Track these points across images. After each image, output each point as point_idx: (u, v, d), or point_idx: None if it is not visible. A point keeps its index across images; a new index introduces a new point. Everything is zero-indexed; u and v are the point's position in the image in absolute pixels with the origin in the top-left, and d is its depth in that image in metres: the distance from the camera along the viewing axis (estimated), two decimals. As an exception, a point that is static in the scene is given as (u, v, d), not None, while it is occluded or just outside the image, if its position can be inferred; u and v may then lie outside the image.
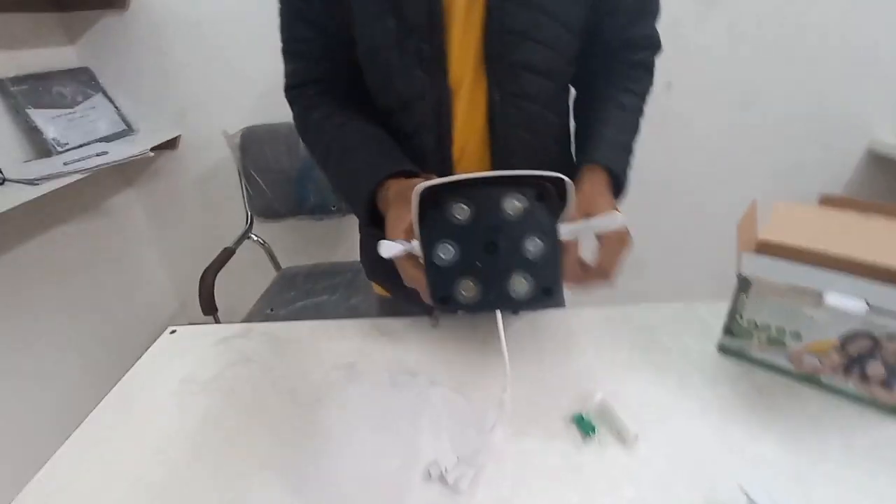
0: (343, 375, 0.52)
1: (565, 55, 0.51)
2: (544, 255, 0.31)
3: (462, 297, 0.32)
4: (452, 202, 0.31)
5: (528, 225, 0.30)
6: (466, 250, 0.31)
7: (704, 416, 0.47)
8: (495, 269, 0.31)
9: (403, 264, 0.38)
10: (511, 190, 0.30)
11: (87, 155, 1.15)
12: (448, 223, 0.31)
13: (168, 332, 0.66)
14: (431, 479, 0.41)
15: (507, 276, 0.31)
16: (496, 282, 0.31)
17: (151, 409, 0.52)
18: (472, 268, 0.31)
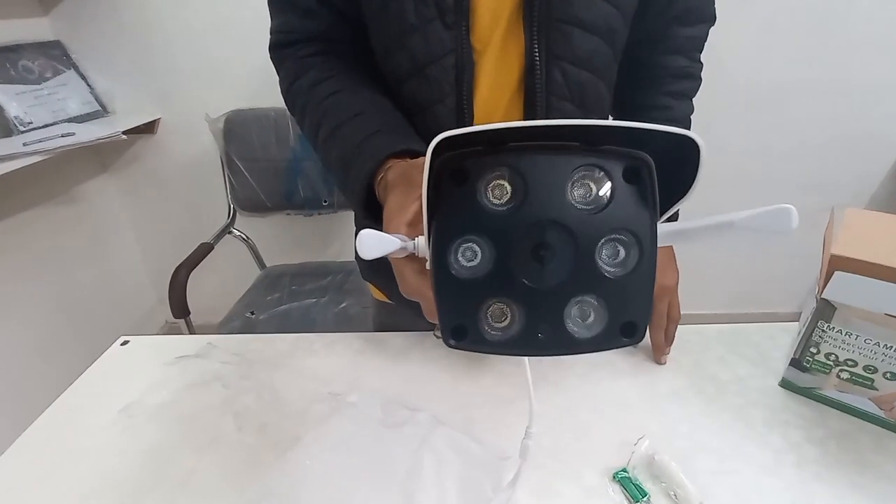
0: (326, 409, 0.42)
1: (624, 9, 0.41)
2: (631, 271, 0.20)
3: (489, 331, 0.21)
4: (486, 175, 0.20)
5: (609, 221, 0.20)
6: (503, 256, 0.20)
7: (778, 472, 0.38)
8: (548, 290, 0.20)
9: (402, 268, 0.28)
10: (585, 162, 0.19)
11: (51, 135, 1.04)
12: (476, 209, 0.20)
13: (119, 344, 0.55)
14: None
15: (568, 301, 0.20)
16: (548, 310, 0.20)
17: (87, 439, 0.41)
18: (510, 285, 0.21)
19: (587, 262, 0.20)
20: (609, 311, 0.20)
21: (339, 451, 0.38)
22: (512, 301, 0.21)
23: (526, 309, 0.21)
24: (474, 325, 0.21)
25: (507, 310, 0.21)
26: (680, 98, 0.50)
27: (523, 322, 0.21)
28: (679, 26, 0.48)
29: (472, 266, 0.21)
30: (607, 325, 0.20)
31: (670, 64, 0.49)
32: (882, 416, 0.41)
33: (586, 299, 0.21)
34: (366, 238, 0.20)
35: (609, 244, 0.20)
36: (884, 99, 1.22)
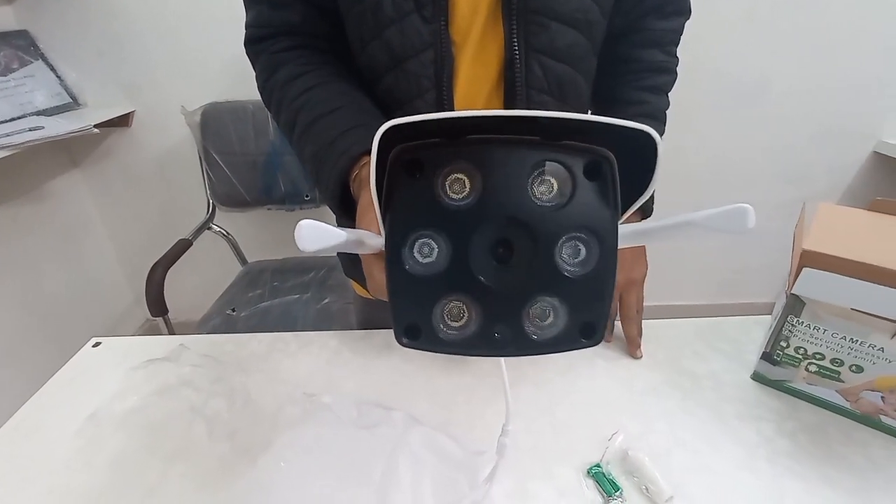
0: (300, 412, 0.41)
1: (602, 3, 0.41)
2: (591, 271, 0.19)
3: (445, 330, 0.21)
4: (443, 168, 0.19)
5: (570, 218, 0.19)
6: (460, 253, 0.20)
7: (750, 465, 0.38)
8: (506, 289, 0.20)
9: (371, 267, 0.28)
10: (545, 157, 0.19)
11: (17, 129, 1.00)
12: (432, 203, 0.19)
13: (90, 346, 0.54)
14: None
15: (527, 300, 0.20)
16: (505, 310, 0.20)
17: (53, 448, 0.40)
18: (467, 283, 0.20)
19: (547, 260, 0.19)
20: (568, 311, 0.20)
21: (313, 454, 0.38)
22: (469, 300, 0.20)
23: (483, 308, 0.20)
24: (428, 324, 0.20)
25: (463, 309, 0.21)
26: (657, 93, 0.50)
27: (480, 322, 0.20)
28: (655, 19, 0.48)
29: (428, 262, 0.20)
30: (566, 326, 0.20)
31: (647, 58, 0.49)
32: (848, 407, 0.42)
33: (545, 299, 0.20)
34: (305, 229, 0.18)
35: (569, 242, 0.20)
36: (859, 95, 1.24)
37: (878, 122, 1.27)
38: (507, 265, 0.20)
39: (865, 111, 1.26)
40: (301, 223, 0.19)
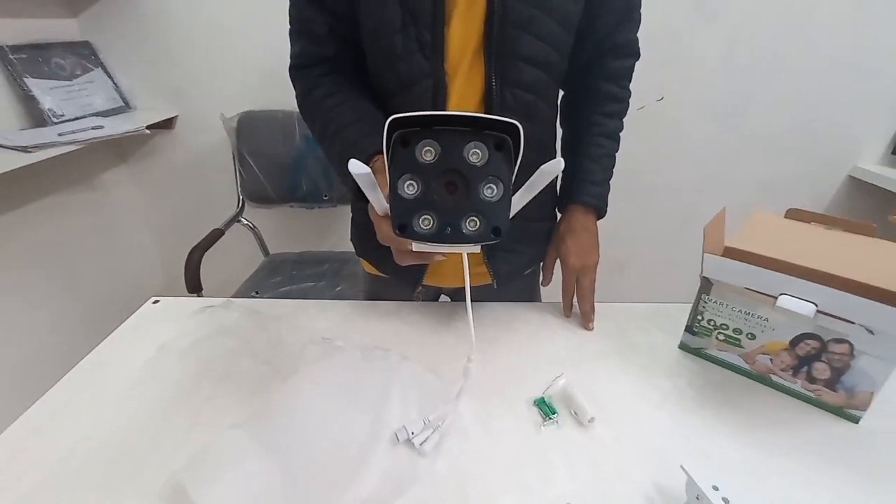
0: (319, 350, 0.54)
1: (560, 49, 0.54)
2: (498, 200, 0.33)
3: (419, 229, 0.34)
4: (421, 142, 0.33)
5: (486, 172, 0.33)
6: (428, 187, 0.33)
7: (661, 405, 0.50)
8: (453, 208, 0.34)
9: (380, 223, 0.41)
10: (475, 138, 0.32)
11: (82, 127, 1.16)
12: (415, 161, 0.33)
13: (150, 302, 0.67)
14: (398, 442, 0.43)
15: (463, 215, 0.34)
16: (453, 219, 0.34)
17: (127, 372, 0.53)
18: (432, 204, 0.34)
19: (474, 193, 0.33)
20: (486, 221, 0.34)
21: (328, 380, 0.50)
22: (432, 213, 0.34)
23: (439, 218, 0.34)
24: (410, 225, 0.34)
25: (429, 218, 0.35)
26: (611, 116, 0.63)
27: (438, 225, 0.34)
28: (611, 59, 0.61)
29: (412, 193, 0.34)
30: (484, 229, 0.34)
31: (604, 89, 0.62)
32: (748, 368, 0.53)
33: (474, 214, 0.34)
34: (354, 165, 0.33)
35: (487, 184, 0.33)
36: (836, 122, 1.34)
37: (855, 147, 1.37)
38: (453, 196, 0.34)
39: (840, 137, 1.36)
40: (352, 161, 0.33)
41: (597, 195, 0.63)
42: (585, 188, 0.63)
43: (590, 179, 0.63)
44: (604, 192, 0.64)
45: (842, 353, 0.46)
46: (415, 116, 0.32)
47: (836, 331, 0.46)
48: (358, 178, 0.34)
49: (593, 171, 0.63)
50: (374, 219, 0.42)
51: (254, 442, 0.41)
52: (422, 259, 0.45)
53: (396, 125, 0.32)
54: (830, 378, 0.48)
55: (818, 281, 0.46)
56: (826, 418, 0.49)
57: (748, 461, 0.43)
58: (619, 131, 0.64)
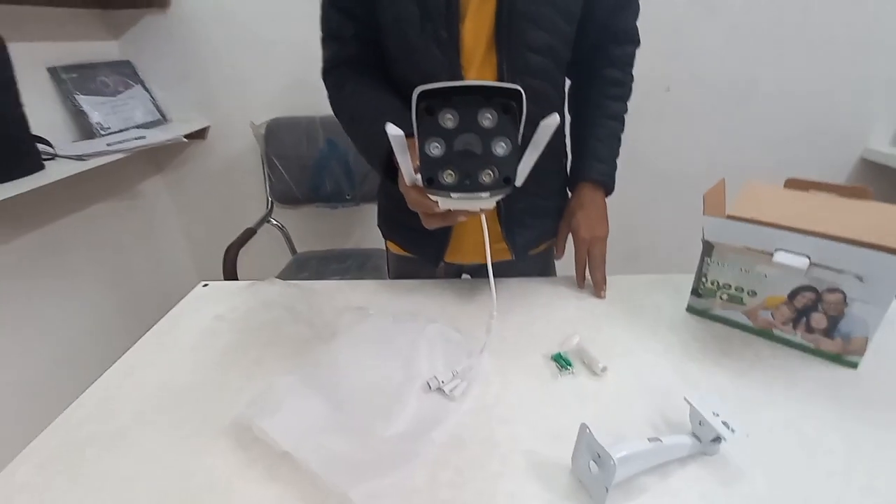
0: (355, 316, 0.60)
1: (562, 39, 0.60)
2: (508, 154, 0.40)
3: (444, 181, 0.41)
4: (443, 111, 0.39)
5: (496, 132, 0.39)
6: (450, 148, 0.40)
7: (666, 355, 0.54)
8: (471, 163, 0.40)
9: (409, 191, 0.48)
10: (486, 105, 0.39)
11: (126, 138, 1.26)
12: (438, 126, 0.39)
13: (201, 286, 0.74)
14: (430, 390, 0.48)
15: (480, 169, 0.40)
16: (471, 172, 0.41)
17: (188, 338, 0.60)
18: (453, 160, 0.40)
19: (488, 151, 0.39)
20: (499, 172, 0.40)
21: (364, 339, 0.56)
22: (454, 168, 0.40)
23: (460, 171, 0.40)
24: (437, 178, 0.41)
25: (451, 172, 0.41)
26: (615, 99, 0.69)
27: (459, 178, 0.41)
28: (613, 45, 0.67)
29: (437, 153, 0.40)
30: (497, 179, 0.40)
31: (607, 74, 0.68)
32: (751, 325, 0.57)
33: (488, 168, 0.40)
34: (390, 128, 0.39)
35: (498, 142, 0.39)
36: (846, 103, 1.36)
37: (866, 129, 1.38)
38: (471, 153, 0.40)
39: (852, 118, 1.38)
40: (388, 126, 0.39)
41: (603, 172, 0.68)
42: (593, 166, 0.68)
43: (596, 158, 0.68)
44: (610, 169, 0.68)
45: (836, 302, 0.50)
46: (437, 88, 0.38)
47: (829, 280, 0.50)
48: (393, 140, 0.40)
49: (599, 149, 0.68)
50: (404, 189, 0.48)
51: (305, 385, 0.47)
52: (447, 220, 0.50)
53: (423, 96, 0.38)
54: (827, 327, 0.52)
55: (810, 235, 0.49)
56: (825, 365, 0.52)
57: (746, 399, 0.47)
58: (622, 113, 0.69)
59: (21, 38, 1.15)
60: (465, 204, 0.43)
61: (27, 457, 0.44)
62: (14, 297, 1.14)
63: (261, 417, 0.43)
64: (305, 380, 0.48)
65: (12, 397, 1.13)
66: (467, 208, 0.45)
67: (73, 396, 0.51)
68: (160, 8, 1.39)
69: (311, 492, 0.38)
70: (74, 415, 0.49)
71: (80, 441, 0.45)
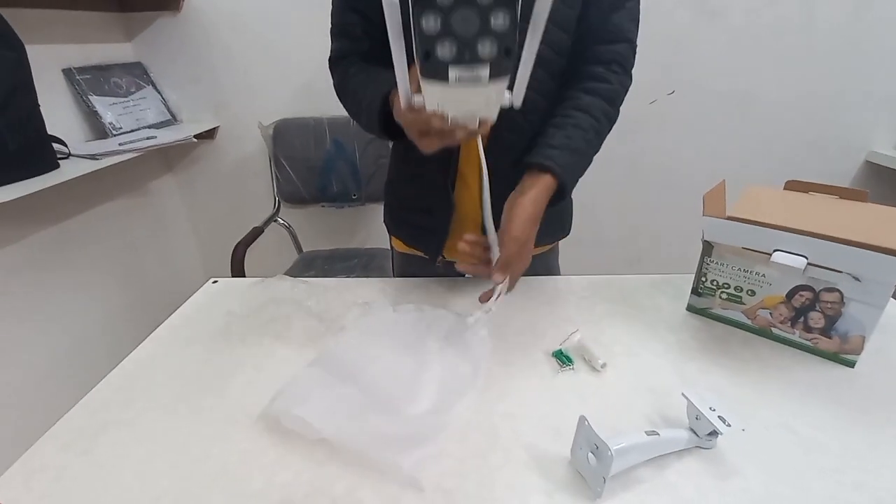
0: (362, 310, 0.61)
1: (556, 49, 0.60)
2: (507, 26, 0.39)
3: (441, 54, 0.40)
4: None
5: (494, 5, 0.38)
6: (447, 20, 0.39)
7: (666, 353, 0.55)
8: (469, 35, 0.39)
9: (404, 114, 0.46)
10: None
11: (138, 138, 1.29)
12: (434, 2, 0.38)
13: (211, 282, 0.76)
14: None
15: (478, 39, 0.39)
16: (469, 43, 0.39)
17: (201, 332, 0.62)
18: (451, 32, 0.39)
19: (485, 21, 0.38)
20: (497, 41, 0.39)
21: (373, 330, 0.58)
22: (452, 40, 0.39)
23: (458, 43, 0.39)
24: (434, 52, 0.39)
25: (449, 44, 0.39)
26: (589, 93, 0.61)
27: (457, 50, 0.39)
28: (598, 44, 0.61)
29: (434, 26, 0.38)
30: (497, 50, 0.39)
31: (585, 70, 0.62)
32: (750, 324, 0.58)
33: (486, 38, 0.39)
34: None
35: (496, 13, 0.38)
36: (850, 106, 1.36)
37: (870, 133, 1.38)
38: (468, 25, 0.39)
39: (856, 122, 1.38)
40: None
41: (552, 157, 0.57)
42: (541, 151, 0.58)
43: (547, 143, 0.58)
44: (563, 157, 0.57)
45: (833, 302, 0.51)
46: None
47: (827, 280, 0.51)
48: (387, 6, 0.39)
49: (552, 134, 0.59)
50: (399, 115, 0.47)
51: (329, 374, 0.49)
52: (444, 139, 0.47)
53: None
54: (825, 326, 0.52)
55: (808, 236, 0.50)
56: (823, 364, 0.53)
57: (744, 396, 0.48)
58: (597, 108, 0.61)
59: (39, 41, 1.18)
60: (463, 94, 0.42)
61: (49, 439, 0.46)
62: (31, 290, 1.16)
63: (294, 407, 0.44)
64: (328, 369, 0.50)
65: (29, 388, 1.16)
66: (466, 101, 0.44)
67: (88, 387, 0.53)
68: (172, 11, 1.42)
69: (321, 475, 0.40)
70: (92, 401, 0.50)
71: (98, 426, 0.47)
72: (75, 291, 1.30)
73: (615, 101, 0.62)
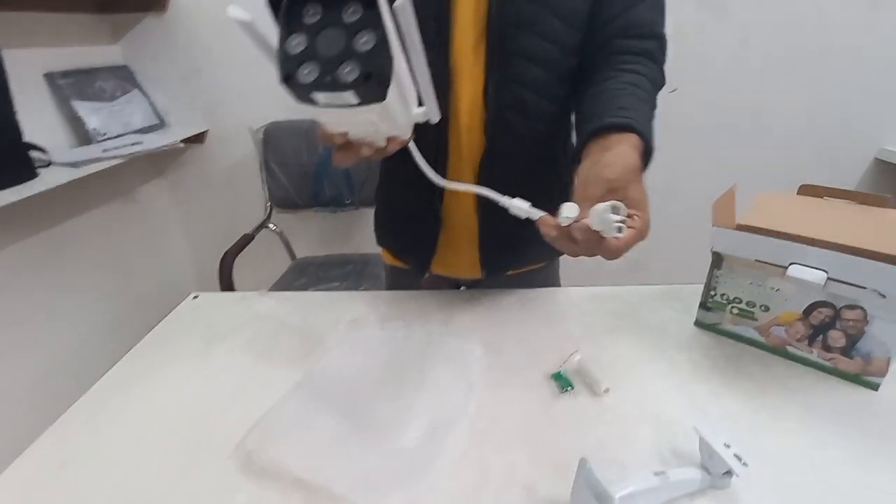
0: (349, 328, 0.58)
1: (563, 47, 0.54)
2: (371, 48, 0.35)
3: (303, 78, 0.36)
4: (306, 5, 0.36)
5: (360, 26, 0.35)
6: (312, 42, 0.36)
7: (673, 375, 0.51)
8: (333, 59, 0.35)
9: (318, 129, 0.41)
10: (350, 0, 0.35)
11: (123, 144, 1.25)
12: (301, 22, 0.36)
13: (191, 298, 0.72)
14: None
15: (340, 63, 0.35)
16: (331, 68, 0.35)
17: (177, 353, 0.58)
18: (315, 55, 0.36)
19: (350, 45, 0.35)
20: (361, 67, 0.34)
21: (361, 350, 0.54)
22: (314, 63, 0.35)
23: (321, 67, 0.35)
24: (295, 75, 0.35)
25: (311, 68, 0.35)
26: (628, 72, 0.52)
27: (319, 74, 0.35)
28: (619, 39, 0.54)
29: (297, 49, 0.35)
30: (359, 75, 0.34)
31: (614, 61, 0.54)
32: (763, 341, 0.54)
33: (349, 64, 0.35)
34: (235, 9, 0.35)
35: (361, 36, 0.34)
36: (859, 103, 1.32)
37: (880, 129, 1.34)
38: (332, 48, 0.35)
39: (866, 119, 1.33)
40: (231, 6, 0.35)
41: (630, 117, 0.45)
42: (609, 113, 0.45)
43: (617, 105, 0.47)
44: (638, 116, 0.45)
45: (855, 320, 0.47)
46: None
47: (849, 297, 0.46)
48: (242, 27, 0.36)
49: (614, 100, 0.48)
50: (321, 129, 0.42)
51: (310, 402, 0.45)
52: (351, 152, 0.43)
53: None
54: (846, 345, 0.48)
55: (827, 249, 0.46)
56: (843, 386, 0.49)
57: (760, 425, 0.44)
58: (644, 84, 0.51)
59: (18, 45, 1.14)
60: (337, 115, 0.38)
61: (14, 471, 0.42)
62: (12, 304, 1.13)
63: (270, 445, 0.41)
64: (310, 396, 0.47)
65: (8, 406, 1.12)
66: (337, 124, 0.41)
67: (68, 405, 0.50)
68: (157, 11, 1.38)
69: None
70: (59, 429, 0.47)
71: (62, 459, 0.43)
72: (62, 303, 1.27)
73: (657, 82, 0.54)
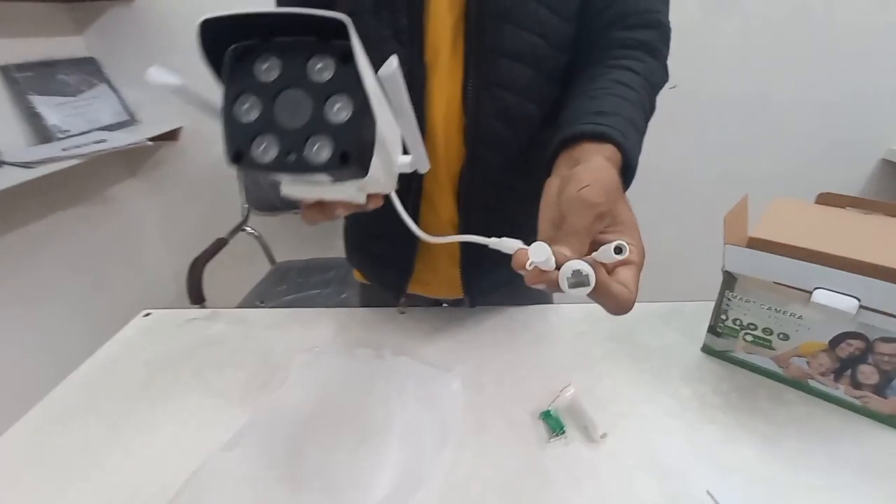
0: (307, 359, 0.50)
1: (553, 42, 0.47)
2: (348, 119, 0.27)
3: (258, 156, 0.28)
4: (260, 58, 0.28)
5: (333, 89, 0.27)
6: (268, 107, 0.28)
7: (680, 415, 0.44)
8: (297, 131, 0.28)
9: None
10: (320, 51, 0.27)
11: (86, 142, 1.16)
12: (253, 79, 0.28)
13: (142, 316, 0.65)
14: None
15: (308, 138, 0.28)
16: (296, 144, 0.28)
17: (116, 382, 0.51)
18: (273, 127, 0.28)
19: (320, 113, 0.27)
20: (334, 144, 0.27)
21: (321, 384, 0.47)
22: (273, 136, 0.28)
23: (281, 142, 0.28)
24: (248, 153, 0.28)
25: (269, 143, 0.28)
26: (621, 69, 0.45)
27: (279, 151, 0.28)
28: (617, 30, 0.47)
29: (249, 116, 0.28)
30: (333, 155, 0.27)
31: (610, 53, 0.47)
32: (781, 373, 0.48)
33: (318, 138, 0.27)
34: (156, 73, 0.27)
35: (334, 102, 0.27)
36: (866, 104, 1.26)
37: (887, 130, 1.28)
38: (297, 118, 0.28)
39: (873, 120, 1.27)
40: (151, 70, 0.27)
41: (606, 124, 0.37)
42: (586, 118, 0.39)
43: (594, 109, 0.40)
44: (616, 122, 0.38)
45: (891, 354, 0.41)
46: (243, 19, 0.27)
47: (884, 328, 0.40)
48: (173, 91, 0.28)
49: (591, 105, 0.41)
50: None
51: (253, 457, 0.38)
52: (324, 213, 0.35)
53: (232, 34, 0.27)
54: (879, 382, 0.42)
55: (859, 272, 0.40)
56: (876, 429, 0.43)
57: (780, 478, 0.38)
58: (636, 84, 0.44)
59: (-33, 35, 1.05)
60: (306, 189, 0.32)
61: None
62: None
63: None
64: (255, 447, 0.39)
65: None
66: (306, 196, 0.33)
67: None
68: (125, 0, 1.29)
69: None
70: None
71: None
72: (21, 312, 1.18)
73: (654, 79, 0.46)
